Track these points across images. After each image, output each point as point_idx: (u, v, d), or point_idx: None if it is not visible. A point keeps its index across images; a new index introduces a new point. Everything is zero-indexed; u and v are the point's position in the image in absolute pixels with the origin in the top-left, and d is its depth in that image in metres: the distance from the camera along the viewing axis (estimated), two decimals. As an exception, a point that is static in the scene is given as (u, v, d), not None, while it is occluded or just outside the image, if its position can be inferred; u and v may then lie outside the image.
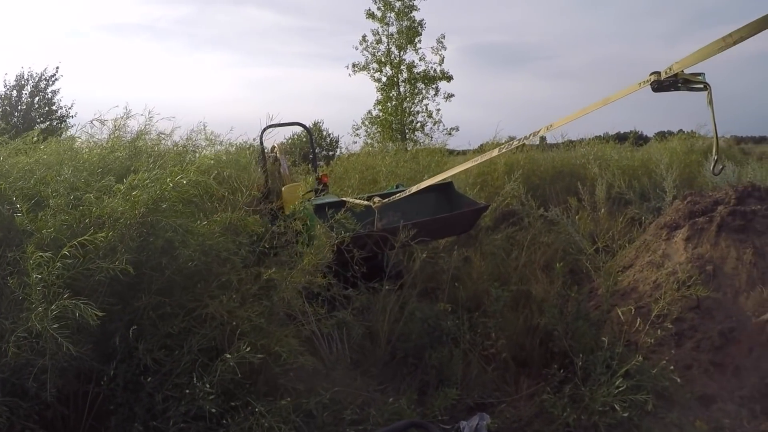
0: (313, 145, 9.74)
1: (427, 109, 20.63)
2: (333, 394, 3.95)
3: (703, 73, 3.23)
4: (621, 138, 15.24)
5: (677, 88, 3.31)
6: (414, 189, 5.70)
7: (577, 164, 10.67)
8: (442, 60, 20.46)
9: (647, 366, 4.98)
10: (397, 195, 5.84)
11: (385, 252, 5.78)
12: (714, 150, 3.43)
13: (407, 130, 20.09)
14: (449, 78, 20.54)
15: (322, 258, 4.79)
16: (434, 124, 20.62)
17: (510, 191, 8.47)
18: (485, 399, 5.28)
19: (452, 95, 20.68)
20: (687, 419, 4.90)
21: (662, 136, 14.44)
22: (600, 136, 14.34)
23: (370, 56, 20.49)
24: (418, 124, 20.68)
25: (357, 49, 20.88)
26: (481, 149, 11.73)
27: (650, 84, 3.35)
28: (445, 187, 7.26)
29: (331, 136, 23.54)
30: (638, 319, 5.82)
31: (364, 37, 20.65)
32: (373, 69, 20.51)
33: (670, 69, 3.24)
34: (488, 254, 7.32)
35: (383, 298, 5.60)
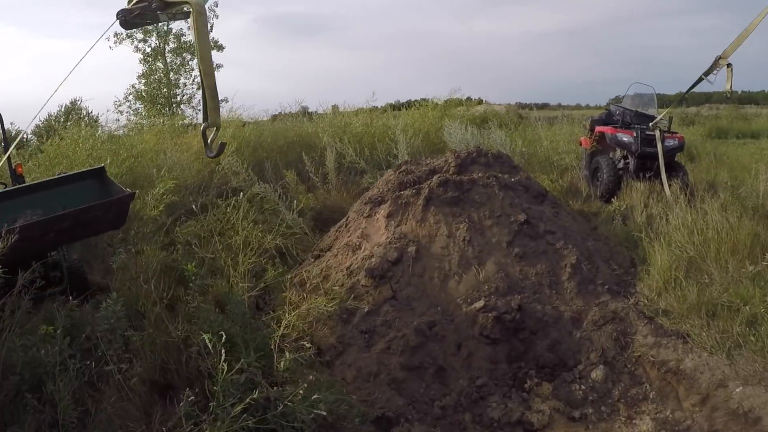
0: (4, 132, 7.58)
1: (195, 80, 18.44)
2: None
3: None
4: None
5: (156, 20, 2.21)
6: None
7: (309, 133, 9.34)
8: (212, 28, 18.32)
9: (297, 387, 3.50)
10: None
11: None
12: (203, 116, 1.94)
13: (173, 104, 17.78)
14: (220, 47, 18.52)
15: None
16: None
17: (228, 167, 6.85)
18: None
19: (220, 66, 18.59)
20: (346, 455, 3.53)
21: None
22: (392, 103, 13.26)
23: (135, 25, 17.74)
24: (185, 97, 18.50)
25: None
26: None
27: (117, 19, 2.22)
28: (97, 175, 5.42)
29: (91, 114, 19.97)
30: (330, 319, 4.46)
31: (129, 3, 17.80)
32: (138, 39, 17.96)
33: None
34: (180, 244, 5.65)
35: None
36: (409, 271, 4.80)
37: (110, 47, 17.83)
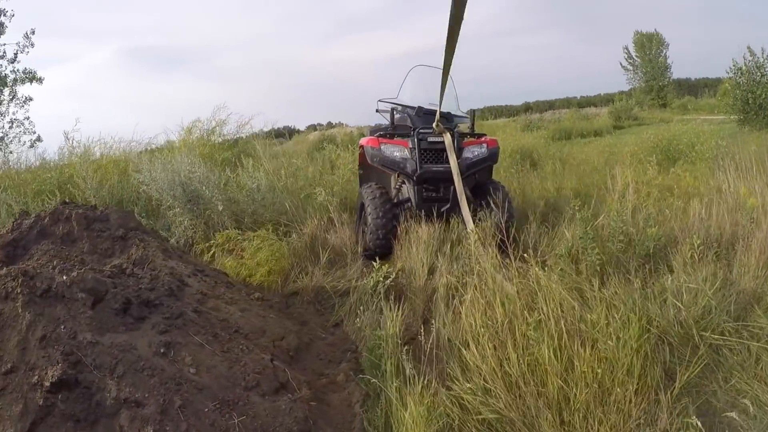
0: None
1: (13, 118, 13.98)
2: None
3: None
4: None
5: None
6: None
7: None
8: (15, 57, 13.88)
9: None
10: None
11: None
12: None
13: None
14: (38, 79, 14.02)
15: None
16: (16, 136, 13.93)
17: None
18: None
19: (30, 99, 14.22)
20: None
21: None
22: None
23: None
24: None
25: None
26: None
27: None
28: None
29: None
30: None
31: None
32: None
33: None
34: None
35: None
36: None
37: None
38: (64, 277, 2.08)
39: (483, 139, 4.31)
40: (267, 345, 2.35)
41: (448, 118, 4.49)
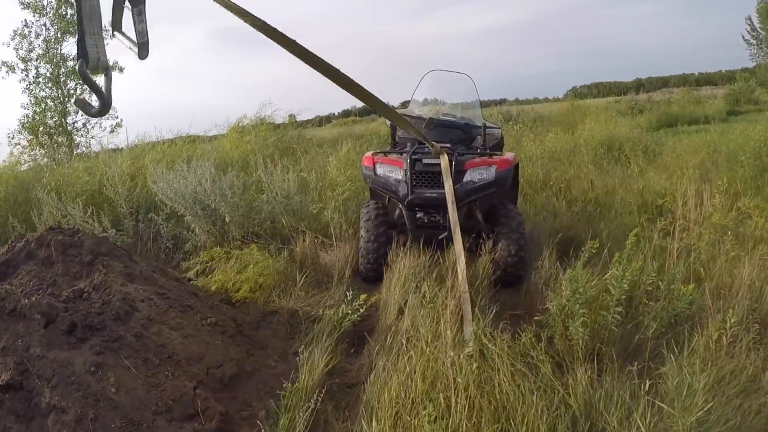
0: None
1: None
2: None
3: None
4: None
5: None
6: None
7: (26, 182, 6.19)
8: None
9: None
10: None
11: None
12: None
13: (59, 132, 13.74)
14: (118, 68, 15.34)
15: None
16: (98, 122, 15.45)
17: None
18: None
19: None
20: None
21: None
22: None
23: (24, 53, 14.82)
24: (79, 123, 15.55)
25: (8, 45, 15.05)
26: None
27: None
28: None
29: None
30: None
31: (17, 31, 14.81)
32: (20, 69, 14.88)
33: None
34: None
35: None
36: None
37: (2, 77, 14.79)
38: (26, 300, 2.46)
39: (493, 159, 3.87)
40: (198, 372, 2.56)
41: (465, 130, 4.29)
